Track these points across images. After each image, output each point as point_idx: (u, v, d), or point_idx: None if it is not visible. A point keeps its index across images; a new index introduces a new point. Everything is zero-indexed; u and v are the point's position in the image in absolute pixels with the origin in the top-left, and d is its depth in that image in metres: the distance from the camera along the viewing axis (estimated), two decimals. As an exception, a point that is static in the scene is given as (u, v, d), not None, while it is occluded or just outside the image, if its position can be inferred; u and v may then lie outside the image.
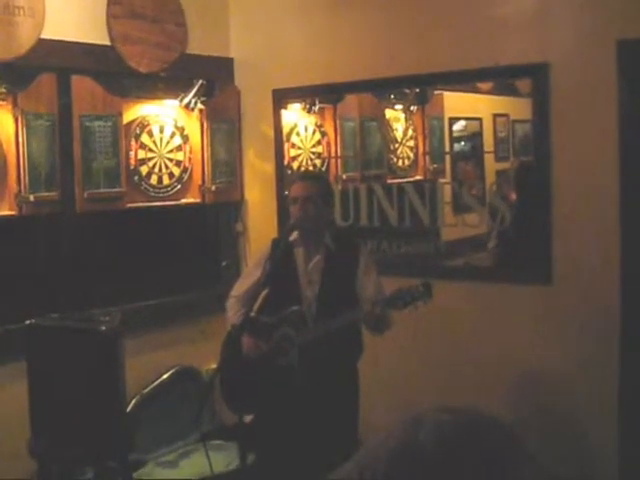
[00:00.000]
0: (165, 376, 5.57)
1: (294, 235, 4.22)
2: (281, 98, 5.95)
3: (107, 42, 5.26)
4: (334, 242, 4.26)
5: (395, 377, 5.47)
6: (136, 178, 5.53)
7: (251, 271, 4.47)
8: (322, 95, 5.96)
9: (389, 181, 5.78)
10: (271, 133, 6.00)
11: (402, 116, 5.95)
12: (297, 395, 4.10)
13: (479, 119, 5.72)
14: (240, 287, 4.44)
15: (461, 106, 5.76)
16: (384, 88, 5.72)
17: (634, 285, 4.59)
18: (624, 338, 4.61)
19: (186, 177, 5.85)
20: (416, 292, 3.84)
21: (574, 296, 4.77)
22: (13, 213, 4.88)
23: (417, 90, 5.85)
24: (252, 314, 4.10)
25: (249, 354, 4.14)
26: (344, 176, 5.95)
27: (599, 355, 4.70)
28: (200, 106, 5.85)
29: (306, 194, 4.17)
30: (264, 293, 4.12)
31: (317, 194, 4.21)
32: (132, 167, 5.51)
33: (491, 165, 5.48)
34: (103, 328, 4.08)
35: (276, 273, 4.07)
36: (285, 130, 6.00)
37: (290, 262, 4.22)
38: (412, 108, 5.94)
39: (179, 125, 5.81)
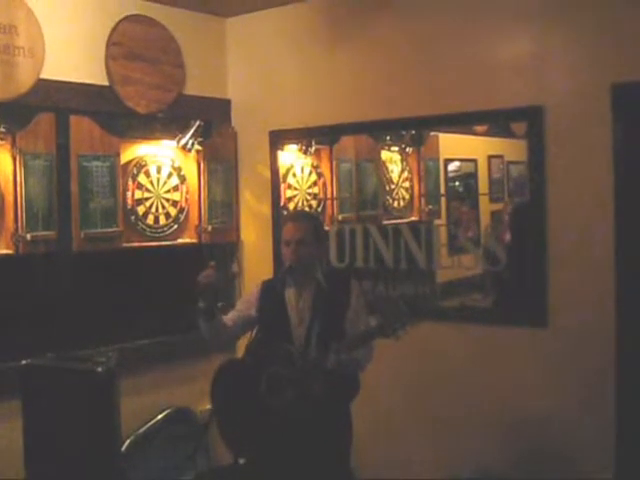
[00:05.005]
0: (160, 416, 5.56)
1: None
2: (278, 139, 5.99)
3: (106, 83, 5.32)
4: (326, 278, 4.25)
5: (388, 418, 5.45)
6: (133, 218, 5.55)
7: (237, 306, 4.50)
8: (318, 136, 6.00)
9: (385, 222, 5.80)
10: (267, 174, 6.04)
11: (398, 157, 5.98)
12: (291, 434, 4.07)
13: (474, 160, 5.75)
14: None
15: (456, 147, 5.78)
16: (381, 130, 5.75)
17: (629, 328, 4.59)
18: (620, 381, 4.61)
19: (182, 217, 5.87)
20: (403, 317, 3.84)
21: (569, 339, 4.76)
22: (10, 252, 4.88)
23: (413, 132, 5.88)
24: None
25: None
26: (340, 217, 5.97)
27: (595, 398, 4.68)
28: (197, 147, 5.89)
29: (298, 236, 4.18)
30: (254, 334, 4.11)
31: (308, 234, 4.22)
32: (129, 207, 5.53)
33: (486, 206, 5.49)
34: (99, 369, 4.07)
35: (268, 315, 4.13)
36: (281, 171, 6.04)
37: (281, 302, 4.21)
38: (408, 150, 5.96)
39: (176, 165, 5.85)
